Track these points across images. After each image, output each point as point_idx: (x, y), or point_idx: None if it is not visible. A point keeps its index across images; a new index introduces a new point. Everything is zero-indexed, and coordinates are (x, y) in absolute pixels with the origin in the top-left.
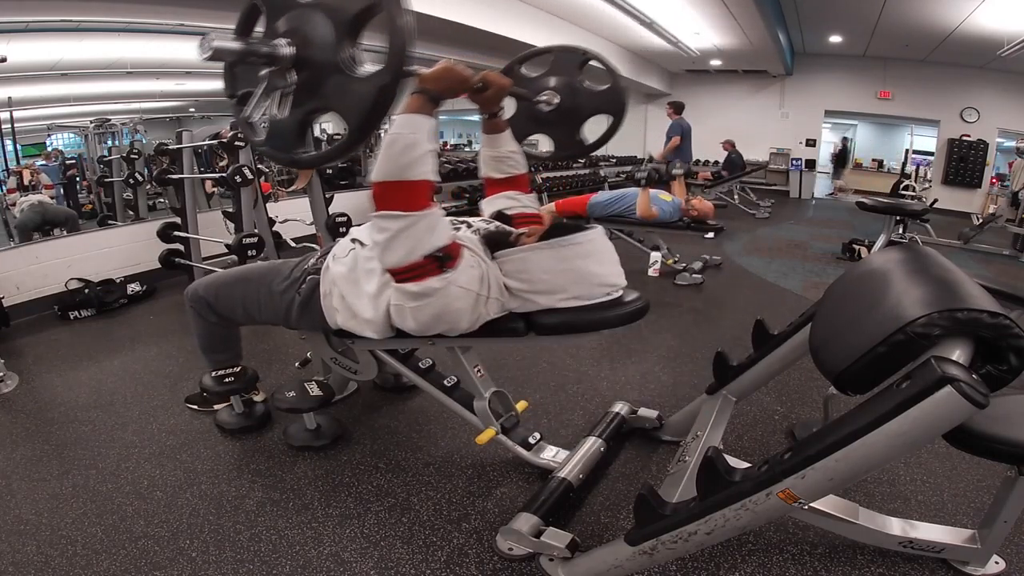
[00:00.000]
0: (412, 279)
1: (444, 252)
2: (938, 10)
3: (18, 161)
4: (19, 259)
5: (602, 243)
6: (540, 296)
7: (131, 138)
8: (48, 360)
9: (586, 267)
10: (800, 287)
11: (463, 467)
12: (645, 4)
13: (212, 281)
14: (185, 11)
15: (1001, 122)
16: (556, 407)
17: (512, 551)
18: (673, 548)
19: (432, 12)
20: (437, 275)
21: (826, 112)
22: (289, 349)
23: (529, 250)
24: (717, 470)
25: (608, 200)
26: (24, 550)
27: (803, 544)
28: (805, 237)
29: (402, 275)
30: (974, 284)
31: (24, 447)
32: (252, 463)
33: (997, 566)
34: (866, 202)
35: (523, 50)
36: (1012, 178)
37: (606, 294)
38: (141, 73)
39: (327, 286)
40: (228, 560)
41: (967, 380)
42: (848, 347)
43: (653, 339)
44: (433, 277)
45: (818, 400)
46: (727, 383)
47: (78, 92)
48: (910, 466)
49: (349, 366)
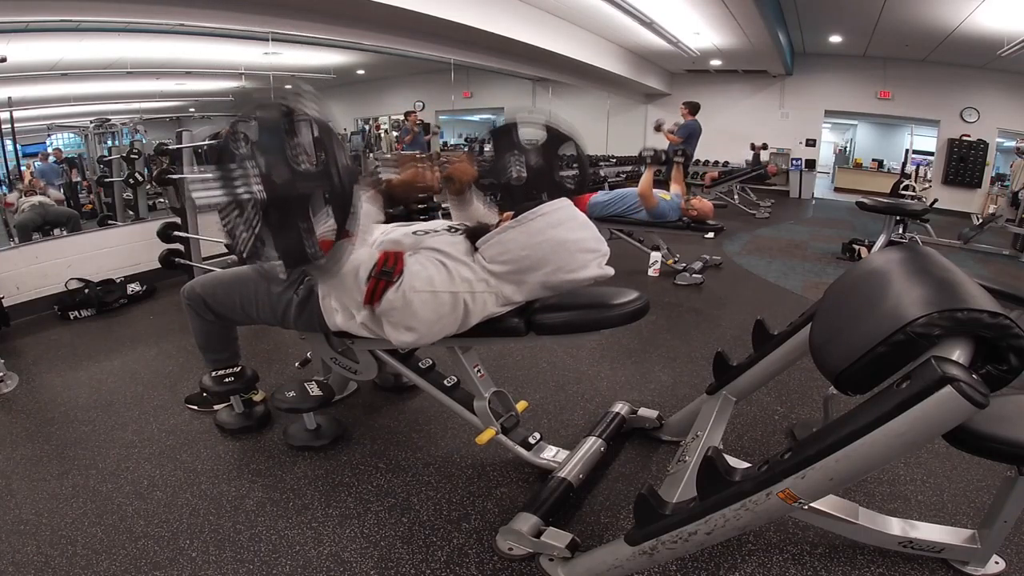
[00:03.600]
0: (376, 300)
1: (382, 267)
2: (938, 10)
3: (18, 162)
4: (19, 259)
5: (569, 211)
6: (528, 274)
7: (131, 138)
8: (48, 360)
9: (559, 235)
10: (800, 287)
11: (463, 467)
12: (645, 4)
13: (210, 280)
14: (185, 11)
15: (1001, 122)
16: (556, 407)
17: (512, 551)
18: (673, 548)
19: (432, 12)
20: (392, 287)
21: (826, 112)
22: (289, 349)
23: (502, 231)
24: (717, 470)
25: (608, 200)
26: (24, 550)
27: (803, 544)
28: (805, 237)
29: (367, 301)
30: (974, 284)
31: (24, 447)
32: (252, 463)
33: (997, 566)
34: (866, 202)
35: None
36: (1012, 178)
37: (591, 260)
38: (141, 73)
39: (325, 287)
40: (228, 560)
41: (967, 380)
42: (848, 347)
43: (653, 339)
44: (389, 289)
45: (818, 400)
46: (727, 383)
47: (78, 92)
48: (910, 466)
49: (349, 366)
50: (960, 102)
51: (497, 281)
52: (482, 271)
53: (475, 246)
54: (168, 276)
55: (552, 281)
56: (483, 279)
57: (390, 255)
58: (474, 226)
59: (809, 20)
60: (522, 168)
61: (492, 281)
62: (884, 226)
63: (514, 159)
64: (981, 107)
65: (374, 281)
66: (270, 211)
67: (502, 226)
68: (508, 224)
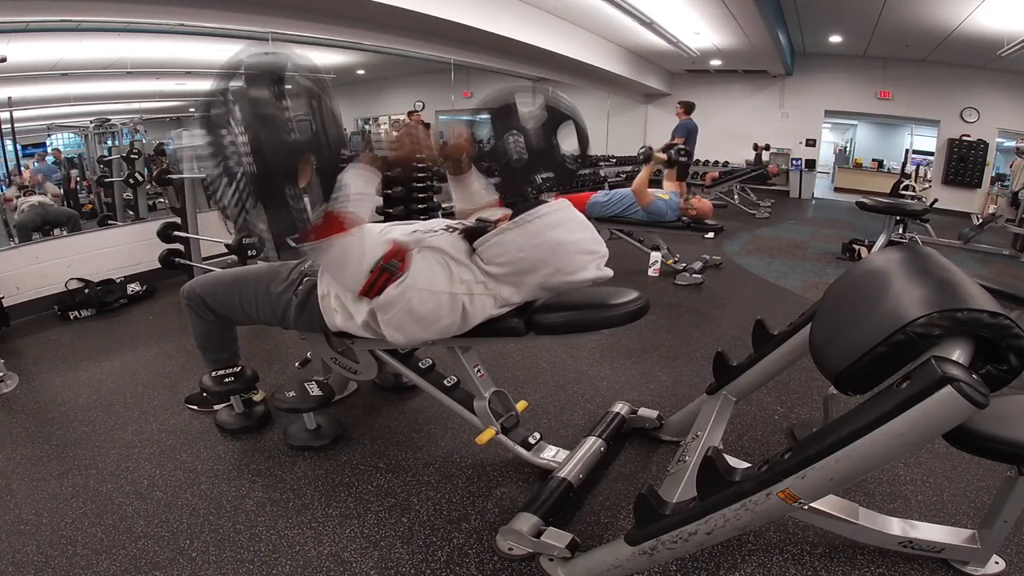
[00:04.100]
0: (375, 294)
1: (387, 261)
2: (938, 10)
3: (18, 162)
4: (19, 259)
5: (568, 212)
6: (526, 276)
7: (131, 138)
8: (48, 360)
9: (557, 237)
10: (800, 287)
11: (463, 467)
12: (645, 4)
13: (209, 280)
14: (185, 11)
15: (1001, 122)
16: (556, 407)
17: (512, 551)
18: (673, 548)
19: (432, 12)
20: (392, 283)
21: (826, 112)
22: (289, 349)
23: (500, 233)
24: (717, 470)
25: (607, 200)
26: (24, 550)
27: (803, 544)
28: (805, 237)
29: (364, 293)
30: (974, 284)
31: (24, 447)
32: (252, 463)
33: (997, 566)
34: (866, 202)
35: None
36: (1012, 178)
37: (590, 262)
38: (141, 73)
39: (324, 287)
40: (228, 560)
41: (967, 380)
42: (848, 347)
43: (653, 339)
44: (390, 286)
45: (818, 400)
46: (727, 383)
47: (78, 92)
48: (910, 466)
49: (349, 366)
50: (960, 102)
51: (495, 283)
52: (480, 273)
53: (473, 247)
54: (168, 276)
55: (550, 283)
56: (481, 281)
57: (400, 250)
58: (472, 226)
59: (809, 20)
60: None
61: (490, 283)
62: (884, 226)
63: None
64: (981, 107)
65: (377, 272)
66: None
67: (500, 227)
68: (506, 225)
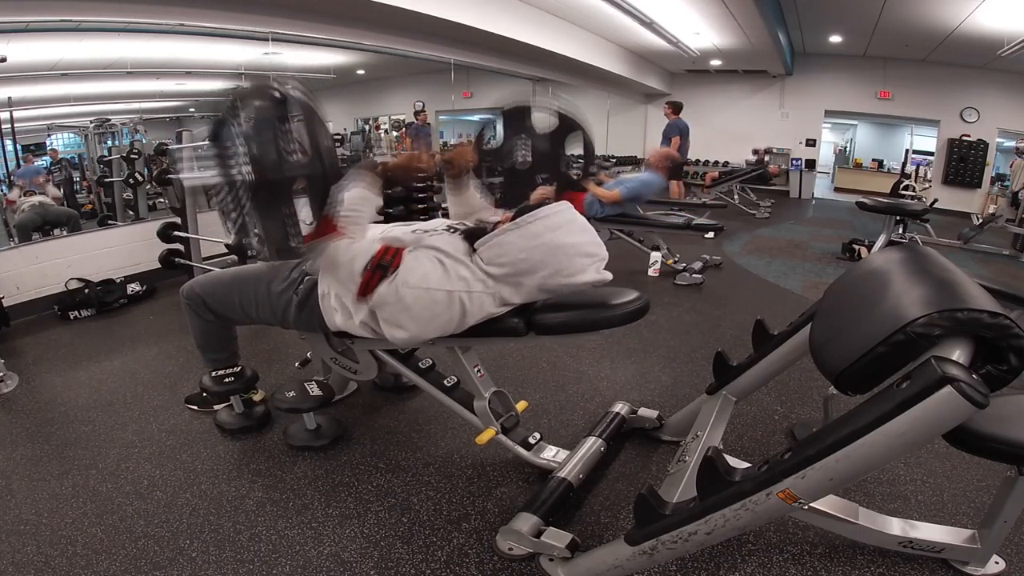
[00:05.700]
0: (369, 292)
1: (379, 260)
2: (938, 10)
3: (18, 162)
4: (19, 259)
5: (568, 215)
6: (525, 277)
7: (131, 138)
8: (48, 360)
9: (557, 239)
10: (800, 287)
11: (463, 467)
12: (645, 4)
13: (209, 280)
14: (185, 11)
15: (1001, 122)
16: (556, 407)
17: (512, 551)
18: (673, 548)
19: (432, 12)
20: (385, 281)
21: (826, 112)
22: (289, 349)
23: (500, 233)
24: (717, 470)
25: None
26: (24, 550)
27: (803, 544)
28: (805, 237)
29: (361, 293)
30: (974, 284)
31: (24, 447)
32: (252, 463)
33: (997, 566)
34: (866, 202)
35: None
36: (1012, 178)
37: (589, 265)
38: (141, 73)
39: (325, 287)
40: (228, 560)
41: (967, 380)
42: (848, 347)
43: (653, 339)
44: (383, 283)
45: (818, 400)
46: (727, 383)
47: (78, 92)
48: (910, 466)
49: (349, 366)
50: (960, 102)
51: (495, 283)
52: (480, 272)
53: (473, 247)
54: (168, 276)
55: (550, 284)
56: (481, 279)
57: (389, 249)
58: (472, 227)
59: (809, 20)
60: (528, 152)
61: (490, 282)
62: (884, 226)
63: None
64: (981, 107)
65: (369, 273)
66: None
67: (500, 228)
68: (506, 227)
